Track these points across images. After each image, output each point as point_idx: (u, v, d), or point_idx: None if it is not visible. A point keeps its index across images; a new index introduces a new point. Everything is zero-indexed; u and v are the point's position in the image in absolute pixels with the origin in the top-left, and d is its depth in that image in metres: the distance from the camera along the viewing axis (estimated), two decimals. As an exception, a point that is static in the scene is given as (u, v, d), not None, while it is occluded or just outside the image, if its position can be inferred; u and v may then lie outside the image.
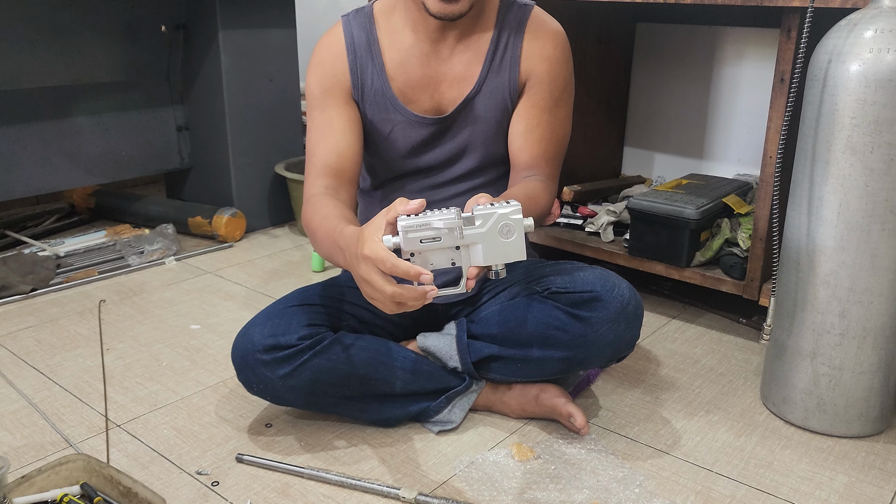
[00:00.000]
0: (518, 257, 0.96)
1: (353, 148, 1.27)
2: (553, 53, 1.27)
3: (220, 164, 2.33)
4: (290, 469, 1.19)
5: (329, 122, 1.27)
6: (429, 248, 0.96)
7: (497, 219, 0.95)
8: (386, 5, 1.29)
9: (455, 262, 0.97)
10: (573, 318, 1.22)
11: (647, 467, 1.21)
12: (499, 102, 1.28)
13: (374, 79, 1.27)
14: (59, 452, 1.23)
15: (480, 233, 0.96)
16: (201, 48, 2.26)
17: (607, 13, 2.01)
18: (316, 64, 1.29)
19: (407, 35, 1.26)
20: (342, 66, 1.28)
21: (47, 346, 1.60)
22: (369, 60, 1.28)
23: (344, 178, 1.26)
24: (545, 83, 1.27)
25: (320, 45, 1.30)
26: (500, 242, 0.96)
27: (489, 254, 0.96)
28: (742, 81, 2.04)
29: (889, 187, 1.15)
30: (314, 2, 3.03)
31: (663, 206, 1.66)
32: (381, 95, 1.28)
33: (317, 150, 1.26)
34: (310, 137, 1.29)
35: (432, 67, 1.27)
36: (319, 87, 1.28)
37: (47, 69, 2.08)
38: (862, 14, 1.16)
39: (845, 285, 1.21)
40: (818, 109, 1.19)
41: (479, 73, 1.27)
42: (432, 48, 1.26)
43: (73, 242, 2.15)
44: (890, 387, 1.28)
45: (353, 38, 1.28)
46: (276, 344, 1.19)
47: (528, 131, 1.27)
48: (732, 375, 1.51)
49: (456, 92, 1.28)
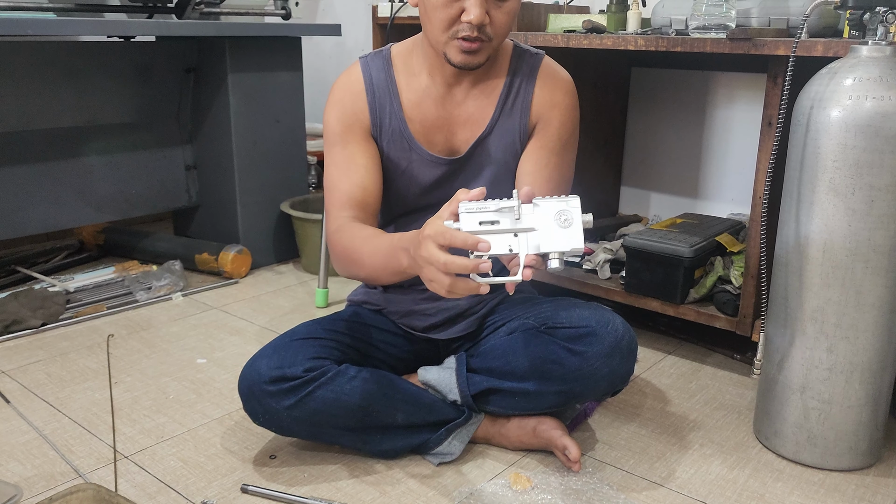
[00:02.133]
0: (575, 245, 0.95)
1: (377, 183, 1.30)
2: (562, 100, 1.33)
3: (227, 202, 2.39)
4: (294, 499, 1.22)
5: (351, 158, 1.30)
6: (487, 230, 0.97)
7: (556, 205, 0.96)
8: (403, 49, 1.34)
9: (512, 248, 0.96)
10: (569, 352, 1.26)
11: (642, 498, 1.24)
12: (509, 144, 1.33)
13: (392, 118, 1.32)
14: (69, 482, 1.27)
15: (538, 218, 0.96)
16: (211, 90, 2.34)
17: (604, 59, 2.09)
18: (335, 102, 1.32)
19: (423, 78, 1.31)
20: (361, 105, 1.31)
21: (57, 380, 1.64)
22: (388, 100, 1.32)
23: (368, 211, 1.28)
24: (554, 127, 1.32)
25: (339, 84, 1.34)
26: (557, 231, 0.95)
27: (546, 241, 0.95)
28: (734, 124, 2.10)
29: (871, 227, 1.20)
30: (320, 46, 3.12)
31: (658, 245, 1.71)
32: (398, 134, 1.32)
33: (340, 184, 1.28)
34: (330, 174, 1.31)
35: (447, 109, 1.32)
36: (340, 124, 1.31)
37: (61, 110, 2.15)
38: (842, 63, 1.23)
39: (832, 321, 1.25)
40: (802, 153, 1.25)
41: (492, 116, 1.32)
42: (447, 91, 1.31)
43: (82, 278, 2.20)
44: (878, 420, 1.31)
45: (372, 78, 1.32)
46: (283, 376, 1.23)
47: (536, 171, 1.31)
48: (726, 410, 1.54)
49: (468, 133, 1.33)
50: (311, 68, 3.09)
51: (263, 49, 2.33)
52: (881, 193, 1.18)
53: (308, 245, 2.35)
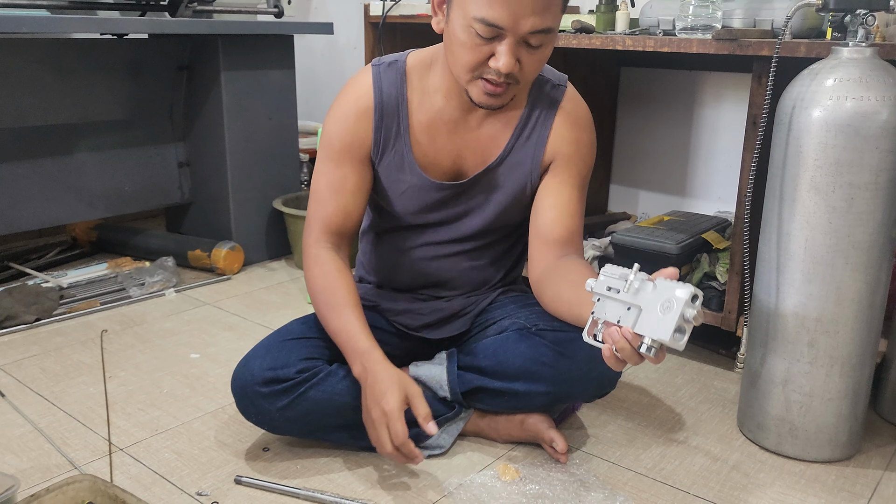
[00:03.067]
0: (660, 336, 0.90)
1: (360, 209, 1.32)
2: (581, 136, 1.30)
3: (220, 199, 2.40)
4: (286, 490, 1.24)
5: (343, 181, 1.29)
6: (609, 296, 0.98)
7: (667, 292, 0.91)
8: (420, 63, 1.28)
9: (621, 321, 0.96)
10: (559, 354, 1.28)
11: (627, 489, 1.27)
12: (520, 176, 1.31)
13: (397, 141, 1.29)
14: (65, 474, 1.28)
15: (644, 297, 0.93)
16: (203, 88, 2.35)
17: (593, 59, 2.11)
18: (340, 117, 1.28)
19: (438, 99, 1.26)
20: (366, 126, 1.28)
21: (51, 374, 1.66)
22: (395, 121, 1.28)
23: (346, 237, 1.33)
24: (574, 163, 1.30)
25: (348, 97, 1.29)
26: (656, 315, 0.91)
27: (643, 322, 0.93)
28: (721, 123, 2.13)
29: (851, 224, 1.23)
30: (312, 44, 3.14)
31: (645, 242, 1.74)
32: (400, 157, 1.30)
33: (326, 204, 1.30)
34: (319, 186, 1.30)
35: (459, 135, 1.29)
36: (339, 142, 1.28)
37: (53, 108, 2.16)
38: (823, 64, 1.26)
39: (813, 316, 1.29)
40: (785, 151, 1.28)
41: (506, 146, 1.29)
42: (462, 117, 1.27)
43: (75, 274, 2.21)
44: (858, 413, 1.34)
45: (382, 94, 1.27)
46: (275, 377, 1.24)
47: (560, 205, 1.29)
48: (711, 403, 1.57)
49: (478, 160, 1.31)
50: (304, 66, 3.11)
51: (256, 47, 2.35)
52: (860, 191, 1.21)
53: (300, 242, 2.36)
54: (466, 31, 1.10)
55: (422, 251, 1.40)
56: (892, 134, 1.19)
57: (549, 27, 1.10)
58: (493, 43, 1.10)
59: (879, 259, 1.26)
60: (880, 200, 1.22)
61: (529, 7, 1.06)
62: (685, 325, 0.90)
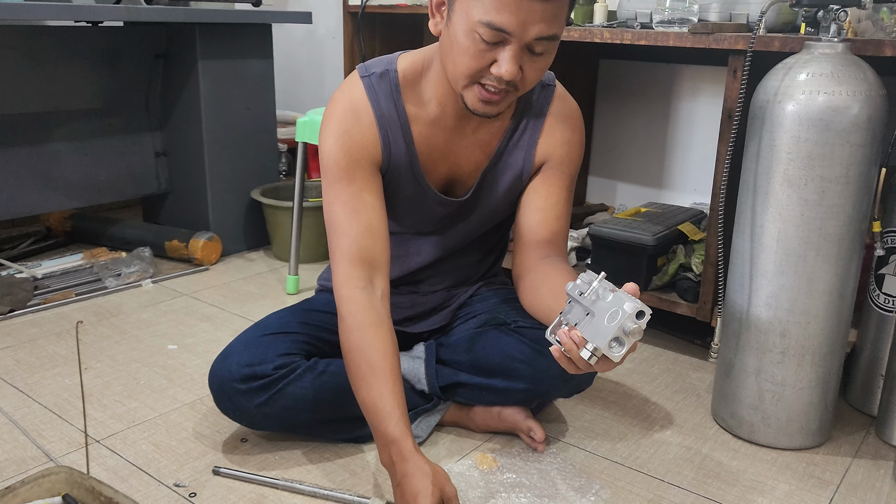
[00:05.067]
0: (597, 342, 0.92)
1: (384, 224, 1.21)
2: (571, 137, 1.29)
3: (198, 189, 2.39)
4: (264, 481, 1.24)
5: (359, 197, 1.19)
6: (576, 300, 0.98)
7: (618, 303, 0.92)
8: (411, 70, 1.22)
9: (578, 324, 0.97)
10: (537, 353, 1.28)
11: (603, 477, 1.29)
12: (510, 178, 1.30)
13: (404, 154, 1.25)
14: (41, 466, 1.28)
15: (601, 305, 0.94)
16: (180, 76, 2.33)
17: (572, 51, 2.12)
18: (342, 132, 1.20)
19: (433, 108, 1.22)
20: (373, 139, 1.21)
21: (26, 366, 1.64)
22: (400, 135, 1.23)
23: (379, 265, 1.19)
24: (564, 164, 1.29)
25: (342, 111, 1.21)
26: (602, 323, 0.93)
27: (590, 328, 0.95)
28: (697, 116, 2.16)
29: (822, 216, 1.25)
30: (291, 33, 3.12)
31: (622, 233, 1.76)
32: (407, 168, 1.26)
33: (348, 229, 1.18)
34: (335, 212, 1.20)
35: (455, 141, 1.26)
36: (347, 158, 1.19)
37: (27, 96, 2.13)
38: (796, 59, 1.27)
39: (785, 307, 1.31)
40: (758, 145, 1.30)
41: (497, 148, 1.28)
42: (457, 124, 1.24)
43: (50, 265, 2.19)
44: (828, 402, 1.37)
45: (381, 108, 1.22)
46: (253, 374, 1.24)
47: (547, 208, 1.28)
48: (686, 393, 1.59)
49: (472, 165, 1.29)
50: (282, 56, 3.09)
51: (234, 36, 2.33)
52: (831, 185, 1.23)
53: (279, 232, 2.36)
54: (469, 36, 1.05)
55: (409, 253, 1.41)
56: (863, 128, 1.21)
57: (555, 34, 1.07)
58: (496, 49, 1.05)
59: (850, 251, 1.28)
60: (851, 194, 1.25)
61: (539, 13, 1.02)
62: (624, 338, 0.92)
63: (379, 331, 1.14)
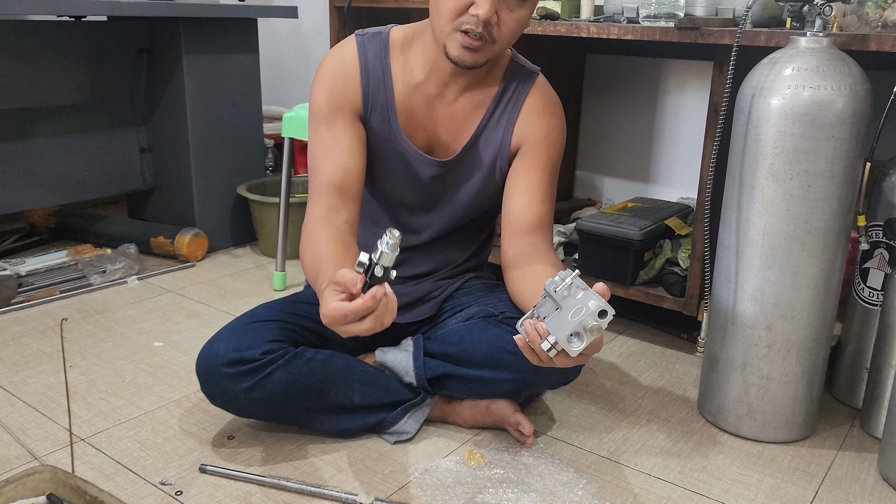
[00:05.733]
0: (557, 335, 0.95)
1: (359, 165, 1.28)
2: (551, 121, 1.32)
3: (183, 185, 2.37)
4: (252, 478, 1.24)
5: (336, 139, 1.27)
6: (552, 294, 0.99)
7: (584, 300, 0.93)
8: (403, 37, 1.31)
9: (547, 317, 0.99)
10: None
11: (590, 472, 1.29)
12: (490, 156, 1.33)
13: (383, 107, 1.30)
14: (25, 465, 1.26)
15: (569, 301, 0.96)
16: (165, 72, 2.31)
17: (558, 45, 2.12)
18: (327, 80, 1.29)
19: (418, 72, 1.28)
20: (354, 88, 1.29)
21: (10, 364, 1.62)
22: (381, 88, 1.29)
23: (348, 195, 1.26)
24: (544, 148, 1.32)
25: (332, 62, 1.30)
26: (566, 318, 0.95)
27: (554, 321, 0.97)
28: (684, 111, 2.16)
29: (808, 211, 1.26)
30: (277, 28, 3.10)
31: (609, 228, 1.76)
32: (387, 124, 1.31)
33: (322, 166, 1.26)
34: (314, 153, 1.29)
35: (435, 109, 1.31)
36: (329, 103, 1.28)
37: (10, 92, 2.11)
38: (782, 53, 1.28)
39: (771, 301, 1.31)
40: (744, 139, 1.30)
41: (478, 125, 1.32)
42: (438, 91, 1.29)
43: (34, 262, 2.17)
44: (813, 395, 1.38)
45: (368, 62, 1.29)
46: (241, 358, 1.24)
47: (530, 191, 1.30)
48: (673, 387, 1.60)
49: (451, 137, 1.32)
50: (268, 51, 3.07)
51: (219, 30, 2.31)
52: (817, 179, 1.24)
53: (265, 228, 2.35)
54: None
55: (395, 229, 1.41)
56: (848, 123, 1.22)
57: None
58: None
59: (835, 245, 1.29)
60: (836, 188, 1.25)
61: None
62: (584, 334, 0.94)
63: (327, 233, 1.18)
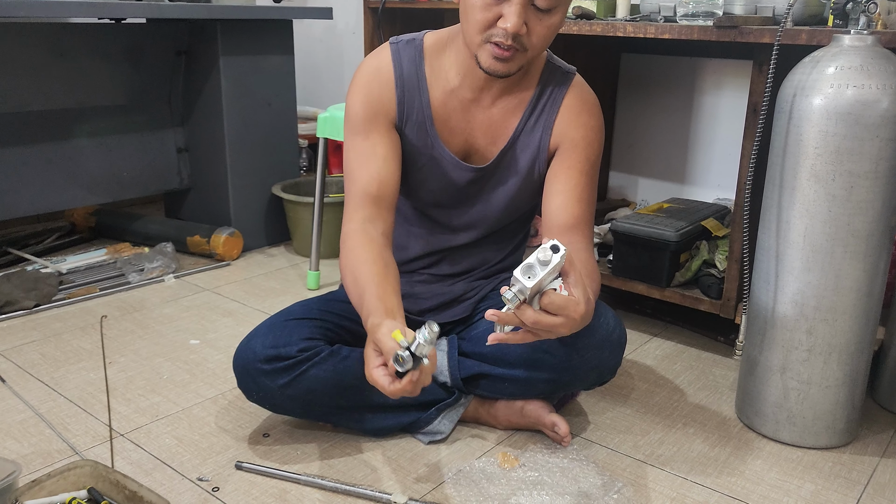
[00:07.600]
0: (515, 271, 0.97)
1: (395, 175, 1.28)
2: (588, 121, 1.31)
3: (219, 185, 2.40)
4: (287, 476, 1.25)
5: (372, 149, 1.27)
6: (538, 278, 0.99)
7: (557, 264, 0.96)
8: (437, 42, 1.30)
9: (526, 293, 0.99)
10: (560, 342, 1.28)
11: (626, 475, 1.28)
12: (528, 160, 1.32)
13: (419, 114, 1.30)
14: (66, 460, 1.29)
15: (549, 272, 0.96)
16: (202, 73, 2.34)
17: (594, 45, 2.10)
18: (362, 87, 1.29)
19: (453, 77, 1.28)
20: (389, 95, 1.29)
21: (51, 360, 1.66)
22: (416, 95, 1.29)
23: (383, 205, 1.26)
24: (581, 148, 1.30)
25: (367, 70, 1.30)
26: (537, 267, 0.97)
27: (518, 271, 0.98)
28: (721, 110, 2.13)
29: (850, 212, 1.23)
30: (311, 29, 3.12)
31: (645, 229, 1.74)
32: (423, 131, 1.30)
33: (358, 176, 1.26)
34: (350, 162, 1.29)
35: (471, 113, 1.30)
36: (365, 112, 1.28)
37: (52, 93, 2.15)
38: (824, 52, 1.25)
39: (812, 304, 1.29)
40: (785, 139, 1.28)
41: (515, 128, 1.31)
42: (474, 96, 1.28)
43: (74, 260, 2.21)
44: (855, 400, 1.35)
45: (403, 69, 1.29)
46: (277, 355, 1.25)
47: (567, 191, 1.29)
48: (709, 390, 1.58)
49: (488, 140, 1.32)
50: (302, 52, 3.09)
51: (255, 32, 2.34)
52: (860, 180, 1.21)
53: (299, 228, 2.37)
54: None
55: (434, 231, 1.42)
56: (893, 122, 1.19)
57: None
58: (502, 3, 1.12)
59: (878, 248, 1.26)
60: (880, 189, 1.22)
61: None
62: (537, 267, 0.96)
63: (367, 249, 1.19)
